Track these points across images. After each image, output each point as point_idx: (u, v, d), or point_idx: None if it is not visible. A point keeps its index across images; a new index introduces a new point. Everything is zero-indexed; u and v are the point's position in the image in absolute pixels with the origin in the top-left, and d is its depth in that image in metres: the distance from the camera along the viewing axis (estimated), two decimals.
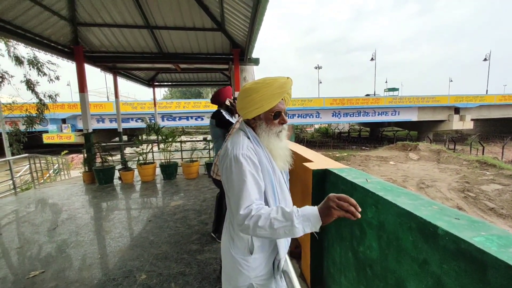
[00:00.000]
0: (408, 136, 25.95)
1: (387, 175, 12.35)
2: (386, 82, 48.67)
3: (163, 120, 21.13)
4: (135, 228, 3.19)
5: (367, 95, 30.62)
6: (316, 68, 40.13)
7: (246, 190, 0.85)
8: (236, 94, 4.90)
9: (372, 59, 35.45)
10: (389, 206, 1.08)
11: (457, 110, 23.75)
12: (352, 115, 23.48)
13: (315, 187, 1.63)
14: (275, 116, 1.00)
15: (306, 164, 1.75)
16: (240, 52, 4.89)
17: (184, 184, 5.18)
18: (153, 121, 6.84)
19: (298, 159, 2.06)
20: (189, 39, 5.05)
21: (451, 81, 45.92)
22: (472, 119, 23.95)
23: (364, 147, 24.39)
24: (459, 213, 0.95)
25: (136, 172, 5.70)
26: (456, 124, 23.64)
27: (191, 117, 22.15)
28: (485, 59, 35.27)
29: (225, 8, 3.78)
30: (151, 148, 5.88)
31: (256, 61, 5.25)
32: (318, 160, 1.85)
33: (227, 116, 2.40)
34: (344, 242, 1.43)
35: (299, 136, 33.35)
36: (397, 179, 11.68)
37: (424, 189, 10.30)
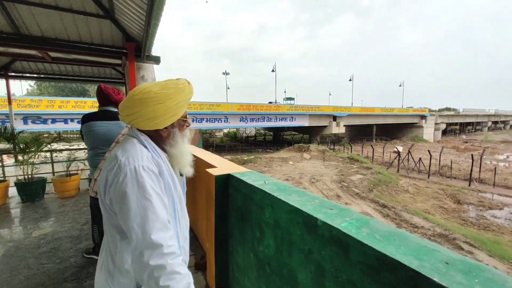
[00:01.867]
0: (303, 139, 30.73)
1: (287, 174, 14.07)
2: (285, 92, 55.91)
3: (25, 122, 15.94)
4: None
5: (270, 102, 34.09)
6: (224, 74, 41.27)
7: (153, 211, 0.70)
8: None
9: (272, 70, 39.78)
10: (282, 204, 1.17)
11: (334, 118, 29.85)
12: (257, 120, 25.45)
13: (218, 192, 1.61)
14: (185, 121, 0.94)
15: (210, 170, 1.71)
16: (136, 47, 4.30)
17: (56, 205, 4.00)
18: (6, 123, 5.01)
19: (202, 165, 1.99)
20: (64, 22, 3.99)
21: (330, 94, 57.80)
22: (344, 125, 30.71)
23: (268, 150, 26.96)
24: (333, 204, 1.14)
25: None
26: (334, 128, 29.69)
27: (71, 120, 17.44)
28: (350, 80, 46.26)
29: None
30: (1, 161, 4.32)
31: (156, 59, 4.75)
32: (222, 165, 1.85)
33: None
34: (246, 245, 1.47)
35: (208, 141, 33.24)
36: (295, 176, 13.49)
37: (315, 183, 12.35)
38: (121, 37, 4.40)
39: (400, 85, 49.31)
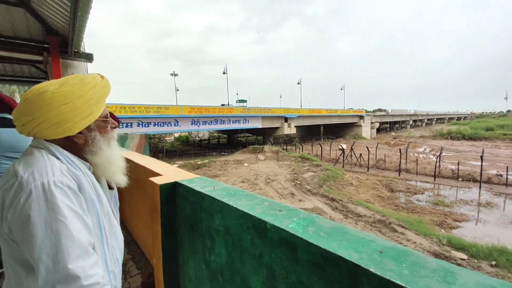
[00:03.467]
0: (257, 141, 31.32)
1: (242, 176, 14.11)
2: (237, 94, 56.26)
3: None
4: None
5: (223, 105, 33.85)
6: (172, 75, 39.32)
7: (68, 236, 0.57)
8: None
9: (224, 72, 39.61)
10: (231, 210, 1.13)
11: (286, 119, 31.26)
12: (210, 123, 24.96)
13: (164, 203, 1.48)
14: (107, 122, 0.80)
15: (154, 178, 1.57)
16: (61, 42, 3.69)
17: None
18: None
19: (145, 174, 1.82)
20: None
21: (281, 97, 60.47)
22: (295, 126, 32.41)
23: (223, 153, 26.67)
24: (282, 205, 1.14)
25: None
26: (286, 129, 31.08)
27: None
28: (298, 83, 49.16)
29: None
30: None
31: (88, 57, 4.15)
32: (168, 173, 1.72)
33: None
34: (197, 256, 1.39)
35: (157, 146, 31.23)
36: (250, 178, 13.62)
37: (270, 183, 12.68)
38: (41, 30, 3.73)
39: (341, 89, 54.51)
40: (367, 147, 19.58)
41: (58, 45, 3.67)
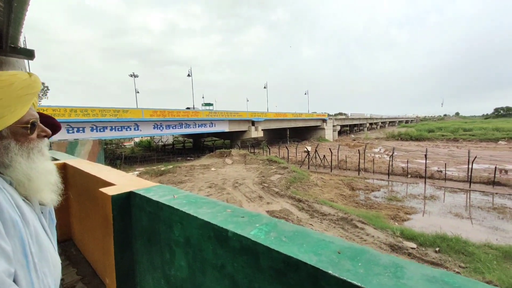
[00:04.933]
0: (224, 145, 30.97)
1: (210, 180, 13.80)
2: (203, 97, 54.95)
3: None
4: None
5: (188, 108, 32.86)
6: (131, 76, 36.96)
7: None
8: None
9: (188, 75, 38.55)
10: (192, 219, 1.07)
11: (253, 123, 31.53)
12: (174, 127, 24.00)
13: (116, 215, 1.35)
14: (32, 128, 0.67)
15: (105, 189, 1.42)
16: None
17: None
18: None
19: (96, 184, 1.65)
20: None
21: (248, 100, 60.74)
22: (262, 129, 32.86)
23: (189, 158, 25.82)
24: (245, 212, 1.12)
25: None
26: (253, 133, 31.34)
27: None
28: (264, 87, 50.07)
29: None
30: None
31: (29, 53, 3.66)
32: (121, 182, 1.57)
33: None
34: (156, 271, 1.28)
35: (114, 153, 29.01)
36: (218, 182, 13.38)
37: (238, 187, 12.59)
38: None
39: (305, 93, 56.94)
40: (329, 149, 20.73)
41: None
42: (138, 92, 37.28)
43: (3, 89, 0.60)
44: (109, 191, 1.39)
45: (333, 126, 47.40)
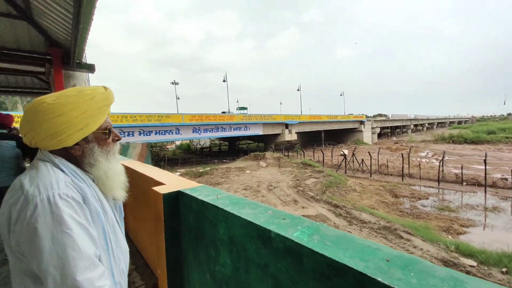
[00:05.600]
0: (258, 148, 31.31)
1: (245, 183, 14.05)
2: (238, 101, 56.59)
3: None
4: None
5: (223, 112, 34.04)
6: (172, 83, 39.72)
7: (75, 248, 0.58)
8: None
9: (224, 80, 39.99)
10: (235, 219, 1.13)
11: (287, 126, 31.32)
12: (211, 131, 25.04)
13: (167, 212, 1.48)
14: (109, 134, 0.79)
15: (156, 188, 1.57)
16: (64, 54, 3.76)
17: None
18: None
19: (149, 183, 1.82)
20: None
21: (281, 103, 60.69)
22: (296, 132, 32.45)
23: (224, 160, 26.65)
24: (286, 214, 1.14)
25: None
26: (287, 136, 31.10)
27: None
28: (298, 90, 49.45)
29: None
30: None
31: (90, 67, 4.21)
32: (170, 182, 1.72)
33: None
34: (202, 266, 1.37)
35: (159, 155, 31.30)
36: (252, 185, 13.55)
37: (272, 190, 12.60)
38: (43, 42, 3.81)
39: (341, 95, 54.75)
40: (368, 152, 19.51)
41: (60, 57, 3.73)
42: (178, 98, 39.94)
43: (88, 101, 0.72)
44: (161, 190, 1.53)
45: (372, 128, 44.57)
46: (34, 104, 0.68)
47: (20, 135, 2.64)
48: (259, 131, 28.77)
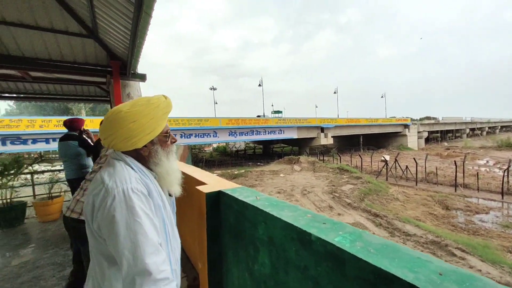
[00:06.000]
0: (292, 151, 30.95)
1: (278, 186, 14.00)
2: (272, 105, 56.80)
3: (3, 144, 15.07)
4: None
5: (258, 116, 34.44)
6: (211, 89, 41.62)
7: (144, 235, 0.67)
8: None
9: (259, 85, 40.52)
10: (275, 220, 1.16)
11: (322, 129, 30.42)
12: (246, 134, 25.53)
13: (209, 210, 1.57)
14: (169, 137, 0.92)
15: (200, 187, 1.68)
16: (121, 66, 4.29)
17: (37, 230, 3.80)
18: None
19: (192, 183, 1.95)
20: (45, 41, 3.94)
21: (317, 107, 59.14)
22: (332, 136, 31.31)
23: (259, 163, 26.89)
24: (326, 218, 1.13)
25: None
26: (323, 140, 30.18)
27: (54, 139, 16.41)
28: (335, 92, 47.73)
29: (97, 14, 3.23)
30: None
31: (142, 77, 4.74)
32: (212, 182, 1.82)
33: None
34: (241, 264, 1.43)
35: (197, 156, 32.89)
36: (286, 189, 13.43)
37: (307, 195, 12.33)
38: (105, 56, 4.40)
39: (382, 96, 51.28)
40: (414, 158, 17.88)
41: (119, 68, 4.29)
42: (216, 103, 41.67)
43: (155, 109, 0.84)
44: (203, 189, 1.63)
45: (418, 132, 40.80)
46: (113, 112, 0.80)
47: (82, 137, 3.07)
48: (293, 135, 28.45)
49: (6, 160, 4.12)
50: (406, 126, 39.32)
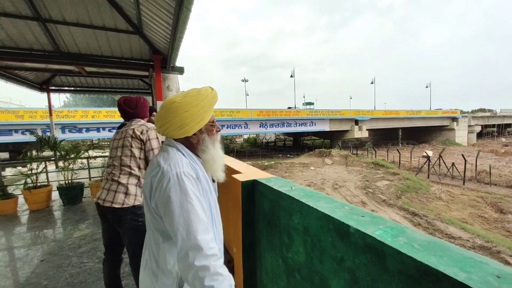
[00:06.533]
0: (324, 144, 30.11)
1: (309, 179, 13.81)
2: (304, 97, 55.48)
3: (63, 132, 17.26)
4: (20, 272, 2.43)
5: (289, 108, 33.96)
6: (242, 81, 41.95)
7: (195, 214, 0.74)
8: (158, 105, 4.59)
9: (291, 76, 39.72)
10: (311, 211, 1.16)
11: (356, 122, 28.95)
12: (277, 126, 25.43)
13: (244, 198, 1.63)
14: (215, 126, 0.98)
15: (235, 175, 1.74)
16: (162, 59, 4.57)
17: (93, 208, 4.33)
18: (47, 133, 5.53)
19: (228, 171, 2.03)
20: (98, 39, 4.39)
21: (351, 98, 56.28)
22: (367, 129, 29.65)
23: (288, 155, 26.71)
24: (364, 212, 1.11)
25: (21, 199, 4.46)
26: (357, 133, 28.76)
27: (103, 128, 18.62)
28: (372, 82, 44.72)
29: (142, 11, 3.46)
30: (45, 167, 4.73)
31: (180, 70, 5.01)
32: (246, 171, 1.88)
33: None
34: (274, 251, 1.47)
35: (229, 147, 33.79)
36: (316, 182, 13.20)
37: (338, 189, 11.99)
38: (148, 51, 4.71)
39: (426, 86, 46.74)
40: (462, 155, 16.17)
41: (160, 62, 4.59)
42: (247, 94, 42.02)
43: (204, 100, 0.89)
44: (239, 177, 1.69)
45: (469, 126, 36.60)
46: (167, 102, 0.88)
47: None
48: (325, 127, 27.57)
49: (67, 146, 4.70)
50: (454, 119, 35.53)
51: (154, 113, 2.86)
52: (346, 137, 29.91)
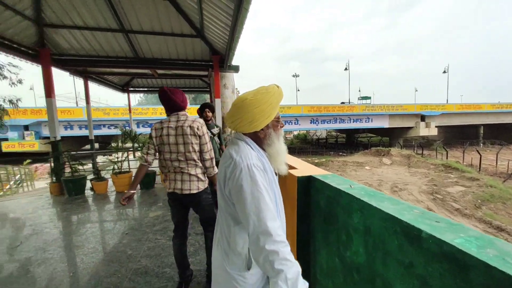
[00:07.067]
0: (381, 142, 27.50)
1: (363, 180, 12.88)
2: (359, 91, 51.39)
3: (138, 127, 20.27)
4: (111, 242, 2.99)
5: (342, 103, 32.02)
6: (293, 76, 41.27)
7: (265, 203, 0.81)
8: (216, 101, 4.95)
9: (346, 69, 37.30)
10: (374, 211, 1.11)
11: (423, 118, 25.60)
12: (329, 122, 24.36)
13: (300, 194, 1.65)
14: (278, 122, 1.03)
15: (291, 171, 1.76)
16: (220, 59, 4.89)
17: (163, 193, 5.00)
18: (127, 127, 6.58)
19: None
20: (167, 44, 4.98)
21: (416, 90, 49.66)
22: (436, 126, 25.92)
23: (341, 153, 25.32)
24: (438, 217, 1.00)
25: (110, 182, 5.39)
26: (423, 130, 25.44)
27: None
28: (444, 72, 38.62)
29: (204, 16, 3.77)
30: (127, 156, 5.62)
31: (236, 68, 5.27)
32: (301, 167, 1.88)
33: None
34: (330, 248, 1.45)
35: None
36: (372, 183, 12.22)
37: (398, 192, 10.87)
38: (208, 52, 5.11)
39: None
40: None
41: (218, 62, 4.96)
42: (298, 90, 41.29)
43: (272, 97, 0.95)
44: (295, 173, 1.71)
45: None
46: (239, 99, 0.96)
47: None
48: (384, 124, 25.17)
49: (143, 139, 5.49)
50: None
51: (207, 109, 3.06)
52: (409, 134, 26.73)
